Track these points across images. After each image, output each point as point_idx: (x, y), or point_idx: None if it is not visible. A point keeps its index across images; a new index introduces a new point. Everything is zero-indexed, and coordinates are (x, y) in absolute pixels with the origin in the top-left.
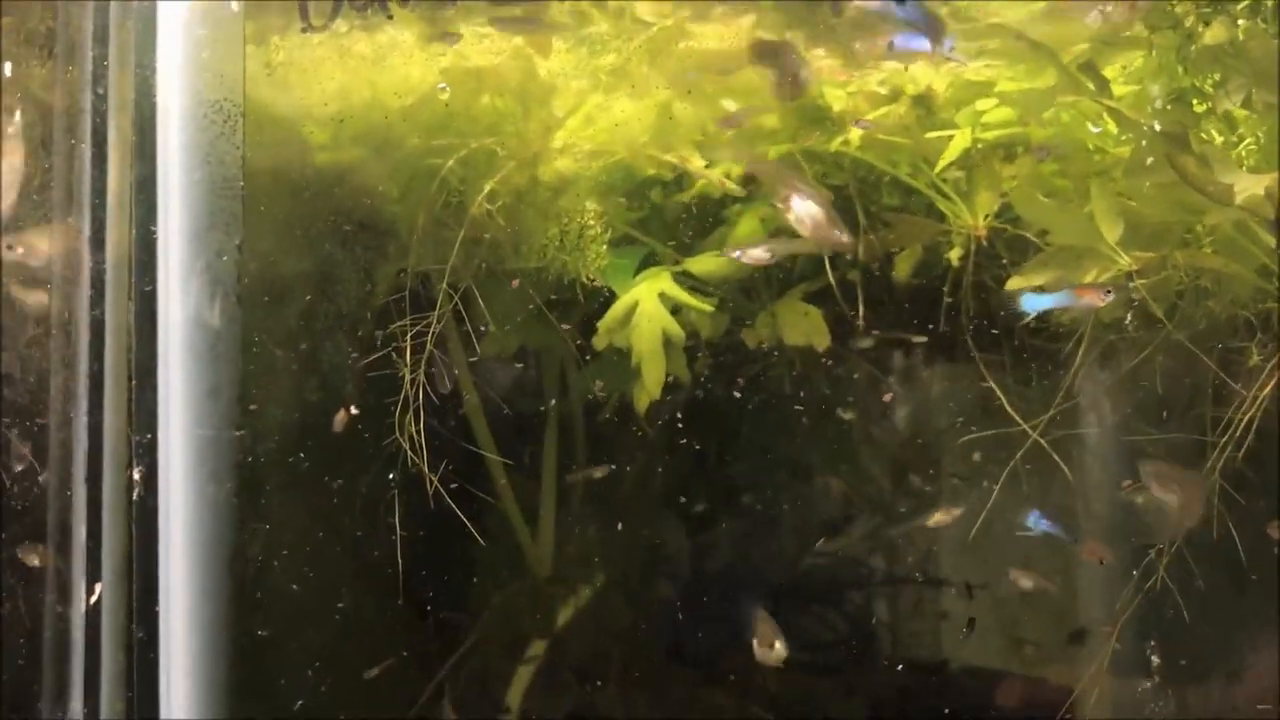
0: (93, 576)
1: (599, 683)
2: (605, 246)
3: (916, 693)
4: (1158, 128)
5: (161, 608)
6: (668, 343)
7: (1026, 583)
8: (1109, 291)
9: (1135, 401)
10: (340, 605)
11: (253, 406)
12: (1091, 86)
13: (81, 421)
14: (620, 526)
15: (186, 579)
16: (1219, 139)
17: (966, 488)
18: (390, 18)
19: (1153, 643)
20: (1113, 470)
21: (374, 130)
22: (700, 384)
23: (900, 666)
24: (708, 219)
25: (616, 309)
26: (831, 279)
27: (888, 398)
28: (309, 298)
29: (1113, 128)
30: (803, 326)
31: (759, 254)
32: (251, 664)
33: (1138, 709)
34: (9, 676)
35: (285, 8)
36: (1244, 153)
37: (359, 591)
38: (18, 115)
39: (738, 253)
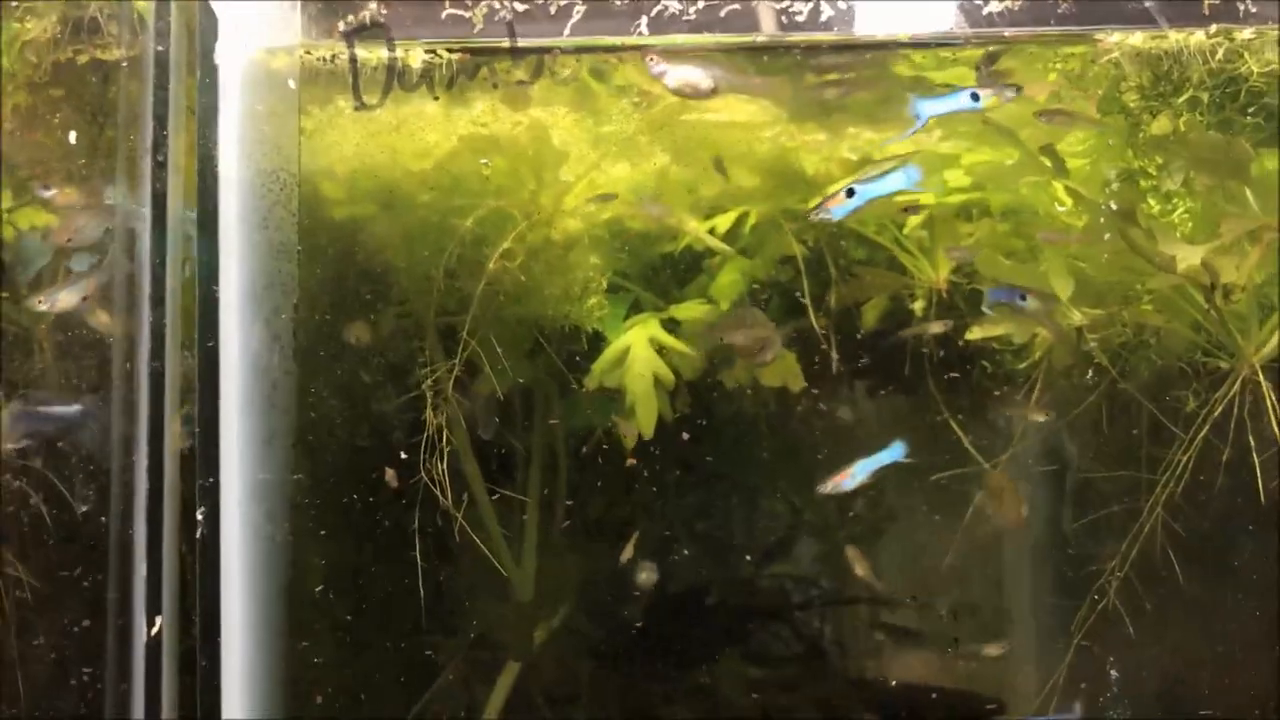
0: (153, 609)
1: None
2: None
3: None
4: (1113, 206)
5: (223, 637)
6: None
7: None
8: None
9: (1083, 441)
10: (377, 631)
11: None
12: (1049, 165)
13: (142, 465)
14: (599, 551)
15: (244, 609)
16: (1155, 208)
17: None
18: (437, 99)
19: None
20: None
21: (393, 191)
22: (682, 421)
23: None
24: (688, 269)
25: (610, 353)
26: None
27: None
28: (358, 350)
29: (1065, 199)
30: (779, 369)
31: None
32: (303, 687)
33: None
34: (75, 702)
35: (328, 83)
36: (1177, 220)
37: (392, 618)
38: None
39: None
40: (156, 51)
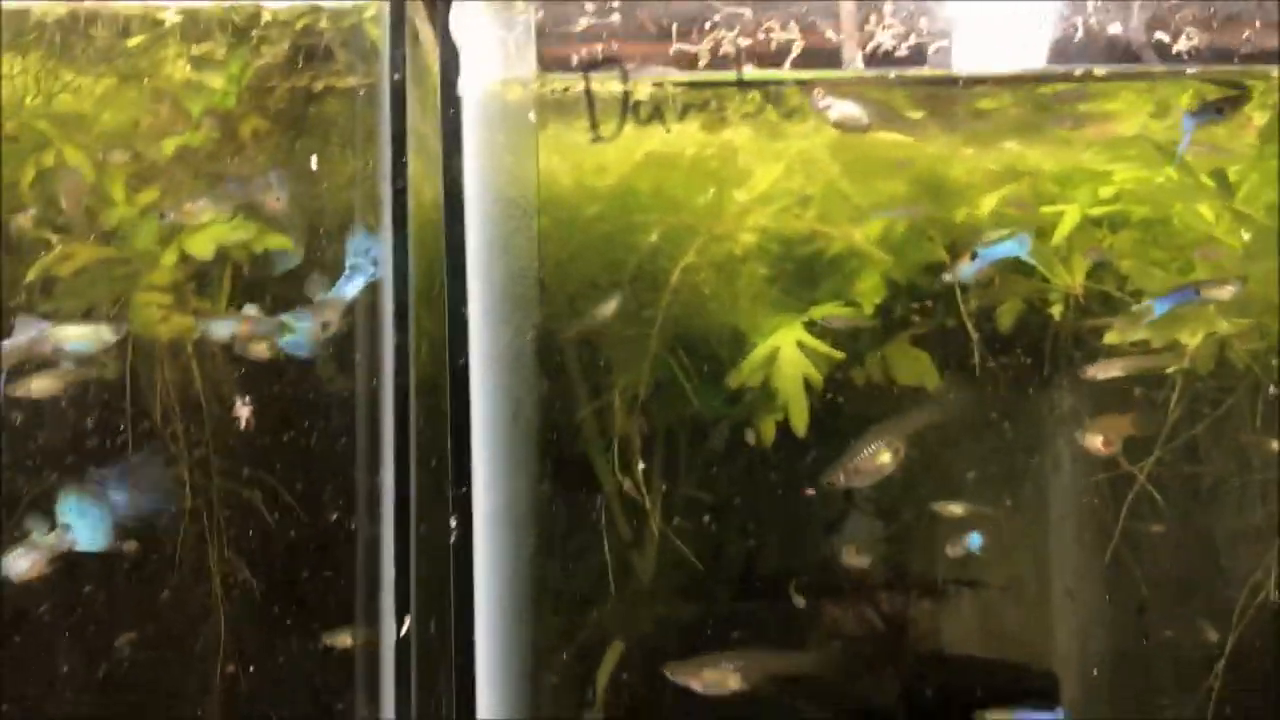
0: (401, 610)
1: None
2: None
3: None
4: None
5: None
6: None
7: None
8: None
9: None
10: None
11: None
12: (1213, 186)
13: (389, 476)
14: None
15: (492, 608)
16: None
17: None
18: (669, 131)
19: None
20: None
21: (614, 212)
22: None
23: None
24: (825, 272)
25: (759, 353)
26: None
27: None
28: (589, 368)
29: (1208, 214)
30: (914, 368)
31: None
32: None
33: None
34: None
35: (554, 110)
36: None
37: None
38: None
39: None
40: (393, 80)
